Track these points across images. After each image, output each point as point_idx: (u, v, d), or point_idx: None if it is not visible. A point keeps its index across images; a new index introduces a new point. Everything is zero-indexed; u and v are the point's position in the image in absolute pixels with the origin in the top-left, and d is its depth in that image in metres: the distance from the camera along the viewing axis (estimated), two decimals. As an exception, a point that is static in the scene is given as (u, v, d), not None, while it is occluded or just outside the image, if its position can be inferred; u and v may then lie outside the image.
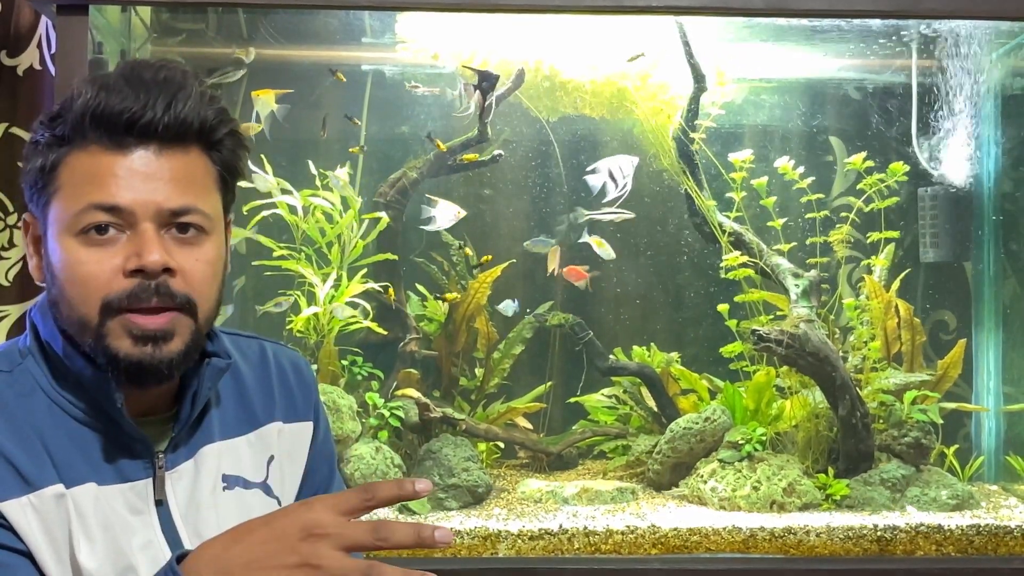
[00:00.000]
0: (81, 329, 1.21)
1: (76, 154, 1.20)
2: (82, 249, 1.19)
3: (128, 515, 1.23)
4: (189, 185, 1.22)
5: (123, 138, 1.19)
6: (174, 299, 1.20)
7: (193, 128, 1.22)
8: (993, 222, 2.98)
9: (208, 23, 2.87)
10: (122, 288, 1.18)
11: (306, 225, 2.75)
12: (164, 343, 1.20)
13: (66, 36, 2.16)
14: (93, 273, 1.19)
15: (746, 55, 2.87)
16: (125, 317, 1.19)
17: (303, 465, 1.45)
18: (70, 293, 1.20)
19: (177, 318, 1.21)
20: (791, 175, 2.81)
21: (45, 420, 1.22)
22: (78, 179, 1.20)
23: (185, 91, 1.21)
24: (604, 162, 2.70)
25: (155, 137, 1.20)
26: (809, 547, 2.35)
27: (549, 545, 2.33)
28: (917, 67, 2.88)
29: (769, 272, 2.77)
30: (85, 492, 1.21)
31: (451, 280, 2.92)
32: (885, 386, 2.69)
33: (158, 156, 1.20)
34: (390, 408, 2.67)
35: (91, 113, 1.19)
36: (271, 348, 1.48)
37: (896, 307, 2.82)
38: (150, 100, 1.19)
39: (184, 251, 1.22)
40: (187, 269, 1.21)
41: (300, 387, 1.46)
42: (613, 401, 2.97)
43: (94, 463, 1.23)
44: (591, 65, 2.84)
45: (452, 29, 2.74)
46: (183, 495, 1.28)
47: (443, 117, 2.94)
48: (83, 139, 1.20)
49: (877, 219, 2.80)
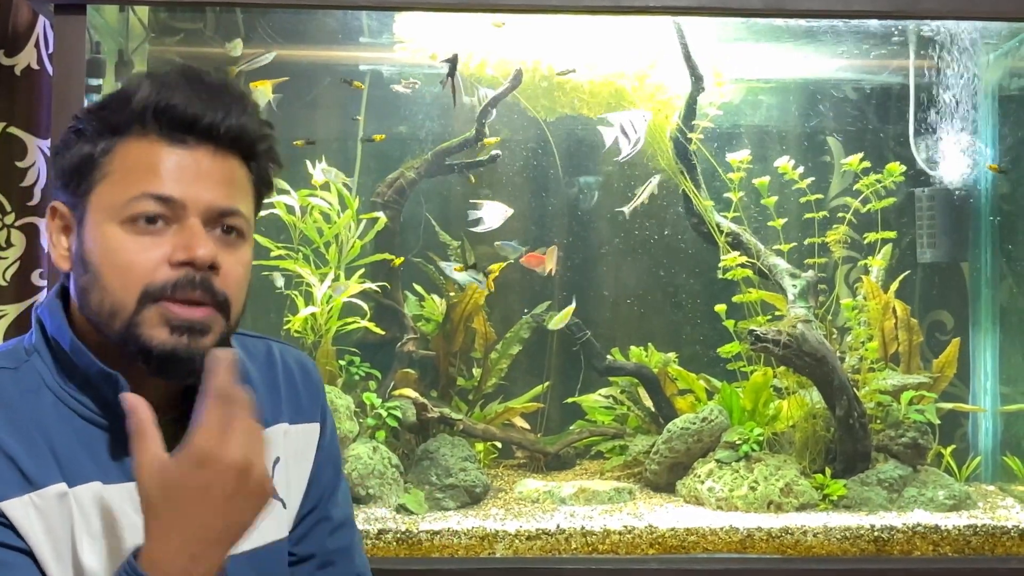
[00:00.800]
0: (111, 316, 1.20)
1: (132, 142, 1.22)
2: (128, 236, 1.20)
3: (132, 514, 1.23)
4: (236, 189, 1.25)
5: (183, 135, 1.22)
6: (215, 296, 1.22)
7: (246, 138, 1.26)
8: (990, 222, 2.99)
9: (206, 23, 2.87)
10: (166, 277, 1.19)
11: (304, 225, 2.75)
12: (200, 336, 1.21)
13: (64, 36, 2.15)
14: (137, 261, 1.19)
15: (744, 55, 2.87)
16: (164, 305, 1.19)
17: (310, 466, 1.45)
18: (107, 279, 1.20)
19: (214, 315, 1.23)
20: (791, 175, 2.81)
21: (50, 418, 1.22)
22: (131, 166, 1.21)
23: (244, 101, 1.26)
24: (616, 116, 2.68)
25: (212, 139, 1.23)
26: (806, 547, 2.35)
27: (546, 545, 2.33)
28: (914, 68, 2.88)
29: (766, 272, 2.77)
30: (89, 491, 1.21)
31: (448, 279, 2.92)
32: (883, 387, 2.69)
33: (213, 157, 1.23)
34: (388, 408, 2.67)
35: (154, 106, 1.21)
36: (278, 348, 1.48)
37: (893, 307, 2.82)
38: (213, 103, 1.23)
39: (226, 252, 1.24)
40: (228, 269, 1.23)
41: (307, 388, 1.47)
42: (610, 401, 2.97)
43: (99, 461, 1.23)
44: (588, 65, 2.84)
45: (450, 29, 2.74)
46: None
47: (441, 116, 2.94)
48: (142, 128, 1.22)
49: (874, 219, 2.81)
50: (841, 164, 2.98)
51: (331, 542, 1.47)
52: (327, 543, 1.47)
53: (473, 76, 2.83)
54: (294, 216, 2.73)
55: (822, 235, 2.82)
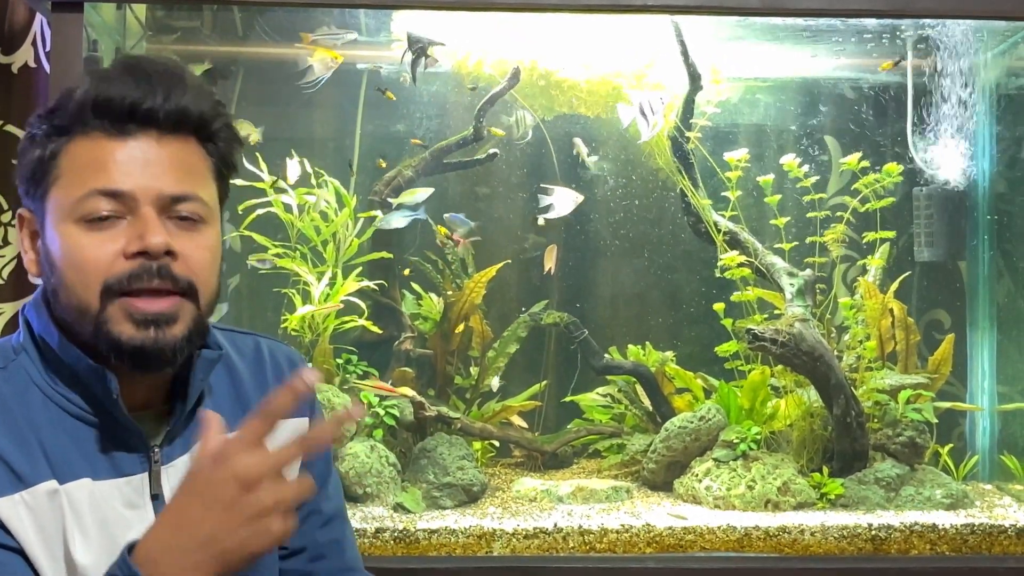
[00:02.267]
0: (80, 316, 1.21)
1: (77, 142, 1.22)
2: (83, 234, 1.20)
3: (124, 509, 1.23)
4: (188, 173, 1.24)
5: (125, 125, 1.21)
6: (176, 283, 1.21)
7: (192, 118, 1.24)
8: (988, 221, 2.99)
9: (203, 20, 2.87)
10: (123, 270, 1.19)
11: (301, 223, 2.75)
12: (167, 327, 1.21)
13: (61, 34, 2.15)
14: (94, 257, 1.19)
15: (741, 54, 2.87)
16: (126, 301, 1.19)
17: (299, 461, 1.44)
18: (70, 279, 1.20)
19: (180, 303, 1.22)
20: (796, 172, 2.81)
21: (40, 415, 1.22)
22: (79, 166, 1.21)
23: (184, 82, 1.24)
24: (636, 95, 2.66)
25: (156, 125, 1.22)
26: (804, 546, 2.36)
27: (544, 544, 2.33)
28: (912, 67, 2.88)
29: (764, 271, 2.77)
30: (80, 487, 1.21)
31: (446, 278, 2.92)
32: (880, 386, 2.69)
33: (159, 143, 1.22)
34: (385, 407, 2.67)
35: (93, 101, 1.21)
36: (266, 344, 1.48)
37: (891, 307, 2.82)
38: (151, 89, 1.21)
39: (185, 237, 1.23)
40: (188, 254, 1.22)
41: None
42: (608, 400, 2.97)
43: (90, 458, 1.23)
44: (586, 64, 2.84)
45: (448, 27, 2.74)
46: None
47: (439, 116, 2.94)
48: (84, 127, 1.21)
49: (872, 218, 2.81)
50: (840, 164, 2.98)
51: (322, 535, 1.47)
52: (318, 536, 1.47)
53: (471, 74, 2.83)
54: (291, 214, 2.73)
55: (820, 234, 2.82)
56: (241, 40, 2.88)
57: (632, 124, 2.68)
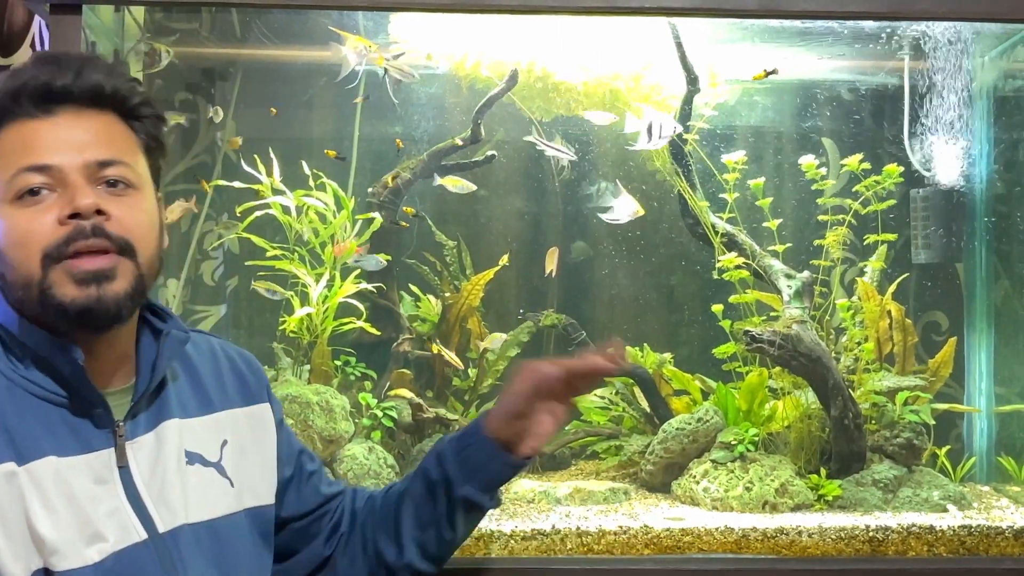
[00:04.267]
0: (27, 288, 1.26)
1: (5, 131, 1.29)
2: (19, 212, 1.26)
3: (92, 485, 1.27)
4: (111, 142, 1.31)
5: (43, 105, 1.28)
6: (111, 239, 1.27)
7: (106, 93, 1.31)
8: (985, 223, 2.99)
9: (202, 23, 2.87)
10: (59, 236, 1.25)
11: (299, 225, 2.75)
12: (107, 282, 1.26)
13: (59, 35, 2.15)
14: (31, 229, 1.25)
15: (739, 56, 2.87)
16: (66, 263, 1.25)
17: (274, 442, 1.52)
18: (13, 255, 1.26)
19: (118, 260, 1.28)
20: (813, 174, 2.80)
21: (4, 399, 1.26)
22: (7, 150, 1.28)
23: (93, 62, 1.32)
24: (651, 112, 2.66)
25: (73, 100, 1.29)
26: (801, 547, 2.36)
27: (542, 545, 2.33)
28: (909, 69, 2.88)
29: (762, 273, 2.77)
30: (44, 466, 1.24)
31: (444, 280, 2.92)
32: (878, 387, 2.69)
33: (78, 117, 1.29)
34: (383, 408, 2.67)
35: (11, 91, 1.28)
36: (218, 343, 1.55)
37: (888, 309, 2.83)
38: (62, 69, 1.29)
39: (116, 200, 1.29)
40: (120, 215, 1.29)
41: (252, 373, 1.54)
42: (606, 402, 2.97)
43: (56, 436, 1.27)
44: (584, 66, 2.84)
45: (445, 29, 2.74)
46: (145, 464, 1.33)
47: (436, 118, 2.94)
48: (10, 116, 1.28)
49: (870, 220, 2.81)
50: (841, 166, 2.98)
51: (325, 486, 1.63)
52: (323, 489, 1.61)
53: (468, 76, 2.83)
54: (289, 216, 2.73)
55: (820, 236, 2.82)
56: (240, 42, 2.88)
57: (634, 134, 2.68)
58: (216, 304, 2.96)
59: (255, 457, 1.47)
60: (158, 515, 1.30)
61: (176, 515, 1.32)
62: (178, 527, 1.32)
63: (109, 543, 1.25)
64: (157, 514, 1.30)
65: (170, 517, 1.31)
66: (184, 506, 1.33)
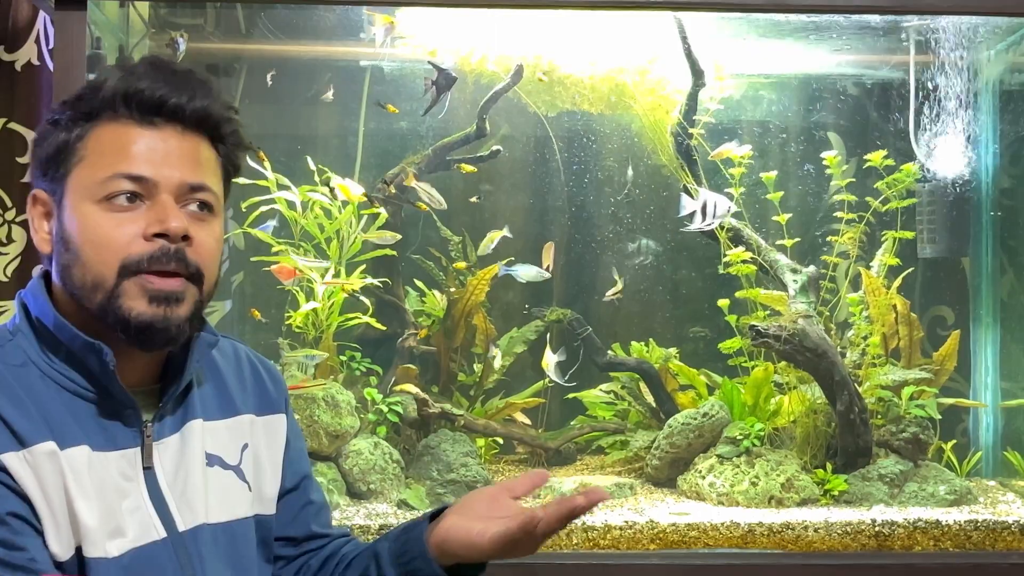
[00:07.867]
0: (93, 290, 1.26)
1: (105, 126, 1.28)
2: (103, 214, 1.26)
3: (119, 480, 1.28)
4: (203, 167, 1.32)
5: (152, 116, 1.29)
6: (188, 267, 1.28)
7: (211, 119, 1.33)
8: (991, 218, 2.99)
9: (206, 18, 2.87)
10: (142, 251, 1.26)
11: (305, 221, 2.75)
12: (176, 305, 1.28)
13: (64, 31, 2.15)
14: (114, 236, 1.26)
15: (744, 51, 2.87)
16: (143, 278, 1.26)
17: (282, 452, 1.51)
18: (87, 255, 1.26)
19: (187, 286, 1.29)
20: (835, 170, 2.80)
21: (39, 389, 1.27)
22: (105, 149, 1.28)
23: (208, 86, 1.33)
24: (705, 193, 2.70)
25: (180, 120, 1.30)
26: (807, 542, 2.36)
27: (548, 541, 2.33)
28: (915, 63, 2.87)
29: (767, 268, 2.77)
30: (80, 453, 1.25)
31: (449, 276, 2.92)
32: (884, 382, 2.69)
33: (180, 137, 1.30)
34: (389, 403, 2.68)
35: (123, 91, 1.28)
36: (244, 349, 1.55)
37: (894, 303, 2.82)
38: (180, 87, 1.30)
39: (198, 225, 1.30)
40: (200, 241, 1.30)
41: (273, 383, 1.53)
42: (612, 397, 2.97)
43: (87, 430, 1.27)
44: (590, 61, 2.84)
45: (451, 25, 2.74)
46: (170, 465, 1.34)
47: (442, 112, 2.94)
48: (113, 114, 1.28)
49: (881, 216, 2.80)
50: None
51: (315, 523, 1.56)
52: (312, 524, 1.55)
53: (474, 71, 2.83)
54: (295, 212, 2.73)
55: (825, 232, 2.81)
56: (244, 38, 2.88)
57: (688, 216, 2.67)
58: (221, 300, 2.96)
59: (267, 465, 1.48)
60: (179, 515, 1.32)
61: (197, 515, 1.33)
62: (198, 526, 1.33)
63: (128, 539, 1.26)
64: (178, 513, 1.31)
65: (191, 517, 1.33)
66: (205, 507, 1.34)
